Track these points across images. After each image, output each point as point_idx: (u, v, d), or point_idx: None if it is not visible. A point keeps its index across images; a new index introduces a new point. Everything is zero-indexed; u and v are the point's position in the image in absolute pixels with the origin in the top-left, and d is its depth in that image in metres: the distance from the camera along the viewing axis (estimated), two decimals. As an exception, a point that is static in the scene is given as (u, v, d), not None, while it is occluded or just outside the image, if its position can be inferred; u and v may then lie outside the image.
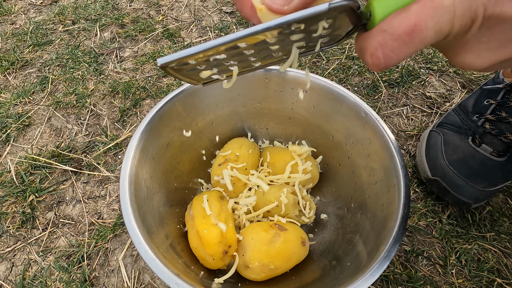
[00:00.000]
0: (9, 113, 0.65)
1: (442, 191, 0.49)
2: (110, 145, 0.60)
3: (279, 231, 0.39)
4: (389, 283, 0.45)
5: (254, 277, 0.38)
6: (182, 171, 0.46)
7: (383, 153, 0.37)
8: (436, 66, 0.73)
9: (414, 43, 0.17)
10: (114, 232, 0.50)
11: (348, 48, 0.78)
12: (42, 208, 0.53)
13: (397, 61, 0.18)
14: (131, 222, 0.32)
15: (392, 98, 0.68)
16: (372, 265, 0.29)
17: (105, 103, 0.68)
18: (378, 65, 0.18)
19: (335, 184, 0.47)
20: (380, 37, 0.18)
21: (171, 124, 0.43)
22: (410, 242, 0.48)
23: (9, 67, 0.75)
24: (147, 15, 0.89)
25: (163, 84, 0.71)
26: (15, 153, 0.60)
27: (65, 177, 0.56)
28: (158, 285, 0.45)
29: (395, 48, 0.17)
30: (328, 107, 0.44)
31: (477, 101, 0.54)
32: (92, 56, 0.77)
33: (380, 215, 0.35)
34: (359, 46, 0.20)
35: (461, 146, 0.50)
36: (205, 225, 0.38)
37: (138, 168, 0.36)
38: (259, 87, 0.46)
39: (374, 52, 0.18)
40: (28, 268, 0.47)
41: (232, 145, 0.48)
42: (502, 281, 0.45)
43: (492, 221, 0.51)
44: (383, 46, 0.18)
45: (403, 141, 0.61)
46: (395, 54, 0.18)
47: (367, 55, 0.19)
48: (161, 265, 0.29)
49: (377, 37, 0.18)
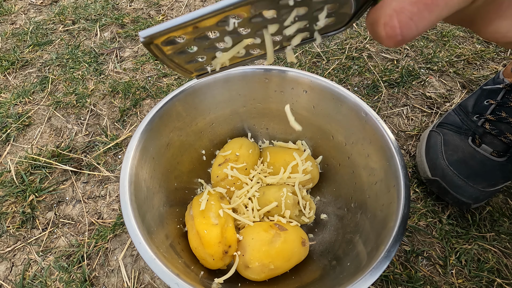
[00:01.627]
0: (9, 113, 0.65)
1: (442, 191, 0.49)
2: (110, 145, 0.60)
3: (279, 231, 0.39)
4: (389, 283, 0.45)
5: (254, 277, 0.38)
6: (182, 171, 0.46)
7: (383, 153, 0.37)
8: (436, 66, 0.73)
9: (438, 6, 0.14)
10: (114, 232, 0.50)
11: (348, 48, 0.78)
12: (42, 208, 0.53)
13: (417, 31, 0.15)
14: (131, 222, 0.32)
15: (392, 98, 0.68)
16: (372, 265, 0.29)
17: (105, 103, 0.68)
18: (393, 37, 0.15)
19: (335, 184, 0.47)
20: (395, 2, 0.15)
21: (171, 124, 0.43)
22: (410, 242, 0.48)
23: (9, 67, 0.75)
24: (147, 15, 0.89)
25: (163, 84, 0.71)
26: (15, 153, 0.60)
27: (65, 177, 0.56)
28: (158, 285, 0.45)
29: (414, 13, 0.14)
30: (328, 107, 0.44)
31: (477, 101, 0.54)
32: (92, 56, 0.77)
33: (380, 215, 0.35)
34: (370, 19, 0.16)
35: (461, 146, 0.50)
36: (205, 225, 0.38)
37: (138, 168, 0.36)
38: (259, 87, 0.46)
39: (388, 22, 0.15)
40: (28, 268, 0.47)
41: (232, 145, 0.48)
42: (502, 281, 0.45)
43: (492, 221, 0.51)
44: (399, 12, 0.15)
45: (403, 141, 0.61)
46: (414, 22, 0.15)
47: (380, 26, 0.15)
48: (161, 265, 0.29)
49: (392, 3, 0.15)
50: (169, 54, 0.19)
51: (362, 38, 0.81)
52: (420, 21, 0.14)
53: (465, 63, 0.74)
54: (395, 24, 0.15)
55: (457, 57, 0.76)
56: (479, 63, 0.74)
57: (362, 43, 0.79)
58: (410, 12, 0.14)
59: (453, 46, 0.78)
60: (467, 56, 0.75)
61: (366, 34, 0.82)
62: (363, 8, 0.17)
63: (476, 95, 0.56)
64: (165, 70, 0.73)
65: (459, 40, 0.80)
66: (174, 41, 0.18)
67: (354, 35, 0.82)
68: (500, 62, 0.74)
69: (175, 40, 0.18)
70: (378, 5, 0.16)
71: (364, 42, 0.80)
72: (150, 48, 0.18)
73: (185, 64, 0.21)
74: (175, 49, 0.19)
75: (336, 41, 0.80)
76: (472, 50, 0.77)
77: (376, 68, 0.73)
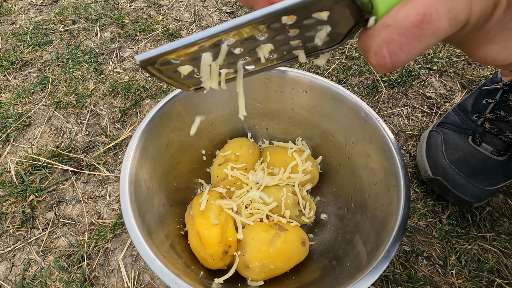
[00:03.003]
0: (9, 113, 0.65)
1: (443, 190, 0.49)
2: (110, 145, 0.60)
3: (279, 231, 0.39)
4: (389, 283, 0.45)
5: (254, 277, 0.38)
6: (182, 171, 0.46)
7: (383, 153, 0.37)
8: (436, 66, 0.73)
9: (425, 36, 0.14)
10: (114, 232, 0.50)
11: (348, 48, 0.78)
12: (42, 208, 0.53)
13: (407, 59, 0.15)
14: (131, 222, 0.32)
15: (392, 98, 0.68)
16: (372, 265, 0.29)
17: (105, 103, 0.68)
18: (384, 66, 0.16)
19: (335, 184, 0.47)
20: (384, 33, 0.15)
21: (171, 124, 0.43)
22: (410, 242, 0.48)
23: (9, 67, 0.75)
24: (147, 15, 0.89)
25: (163, 84, 0.71)
26: (15, 153, 0.60)
27: (65, 177, 0.56)
28: (158, 285, 0.45)
29: (403, 44, 0.15)
30: (328, 107, 0.44)
31: (476, 101, 0.54)
32: (92, 56, 0.77)
33: (380, 215, 0.35)
34: (362, 45, 0.17)
35: (461, 145, 0.50)
36: (205, 225, 0.38)
37: (138, 168, 0.36)
38: (259, 87, 0.46)
39: (378, 51, 0.15)
40: (28, 268, 0.47)
41: (232, 145, 0.48)
42: (502, 282, 0.45)
43: (492, 221, 0.51)
44: (388, 43, 0.15)
45: (403, 141, 0.61)
46: (403, 51, 0.15)
47: (371, 55, 0.16)
48: (161, 265, 0.29)
49: (381, 33, 0.15)
50: (165, 73, 0.20)
51: (362, 38, 0.80)
52: (409, 50, 0.15)
53: (465, 63, 0.74)
54: (385, 54, 0.15)
55: (457, 57, 0.76)
56: (479, 63, 0.74)
57: (362, 43, 0.79)
58: (399, 42, 0.15)
59: (453, 46, 0.78)
60: (467, 56, 0.75)
61: (366, 34, 0.82)
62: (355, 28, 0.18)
63: (475, 95, 0.56)
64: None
65: (459, 40, 0.80)
66: (169, 62, 0.19)
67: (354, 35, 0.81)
68: (500, 62, 0.74)
69: (170, 61, 0.19)
70: (369, 33, 0.16)
71: (364, 42, 0.79)
72: (148, 69, 0.18)
73: (182, 80, 0.22)
74: (171, 69, 0.20)
75: (336, 41, 0.80)
76: (472, 50, 0.77)
77: (376, 68, 0.73)
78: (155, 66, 0.18)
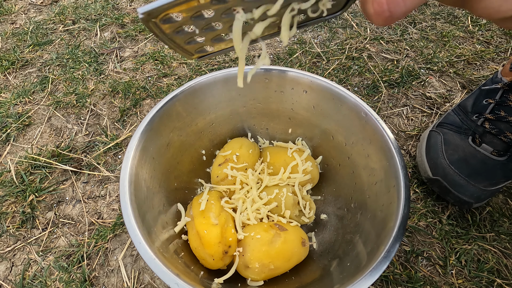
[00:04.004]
0: (9, 112, 0.65)
1: (443, 190, 0.49)
2: (110, 145, 0.60)
3: (279, 231, 0.39)
4: (389, 283, 0.45)
5: (254, 277, 0.38)
6: (182, 171, 0.46)
7: (383, 154, 0.37)
8: (436, 66, 0.73)
9: None
10: (114, 232, 0.50)
11: (348, 48, 0.78)
12: (42, 208, 0.53)
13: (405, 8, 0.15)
14: (131, 222, 0.32)
15: (392, 99, 0.68)
16: (372, 265, 0.29)
17: (105, 103, 0.68)
18: (381, 14, 0.15)
19: (335, 184, 0.47)
20: None
21: (171, 124, 0.43)
22: (410, 243, 0.48)
23: (9, 67, 0.75)
24: (147, 15, 0.89)
25: (163, 84, 0.71)
26: (15, 152, 0.60)
27: (65, 177, 0.56)
28: (158, 285, 0.45)
29: None
30: (328, 107, 0.44)
31: (476, 101, 0.54)
32: (92, 56, 0.77)
33: (380, 215, 0.35)
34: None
35: (461, 145, 0.50)
36: (205, 225, 0.38)
37: (138, 168, 0.36)
38: (259, 87, 0.46)
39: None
40: (28, 268, 0.47)
41: (232, 145, 0.48)
42: (502, 282, 0.45)
43: (492, 221, 0.51)
44: None
45: (403, 141, 0.61)
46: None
47: (369, 4, 0.15)
48: (161, 265, 0.29)
49: None
50: (168, 33, 0.20)
51: (362, 38, 0.81)
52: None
53: (465, 64, 0.74)
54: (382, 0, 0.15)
55: (457, 57, 0.76)
56: (479, 63, 0.74)
57: (362, 43, 0.79)
58: None
59: (453, 46, 0.78)
60: (467, 56, 0.75)
61: (366, 34, 0.82)
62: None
63: (475, 95, 0.56)
64: (165, 70, 0.73)
65: (459, 41, 0.80)
66: (172, 19, 0.18)
67: (354, 35, 0.82)
68: (500, 62, 0.74)
69: (172, 18, 0.18)
70: None
71: (364, 42, 0.80)
72: (150, 26, 0.18)
73: (185, 44, 0.21)
74: (173, 28, 0.19)
75: (336, 41, 0.80)
76: (472, 51, 0.77)
77: (376, 68, 0.73)
78: (158, 23, 0.18)
